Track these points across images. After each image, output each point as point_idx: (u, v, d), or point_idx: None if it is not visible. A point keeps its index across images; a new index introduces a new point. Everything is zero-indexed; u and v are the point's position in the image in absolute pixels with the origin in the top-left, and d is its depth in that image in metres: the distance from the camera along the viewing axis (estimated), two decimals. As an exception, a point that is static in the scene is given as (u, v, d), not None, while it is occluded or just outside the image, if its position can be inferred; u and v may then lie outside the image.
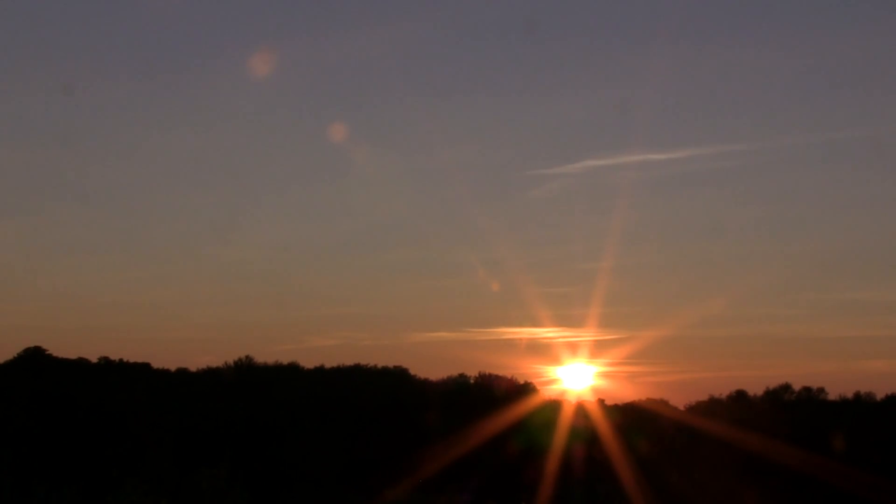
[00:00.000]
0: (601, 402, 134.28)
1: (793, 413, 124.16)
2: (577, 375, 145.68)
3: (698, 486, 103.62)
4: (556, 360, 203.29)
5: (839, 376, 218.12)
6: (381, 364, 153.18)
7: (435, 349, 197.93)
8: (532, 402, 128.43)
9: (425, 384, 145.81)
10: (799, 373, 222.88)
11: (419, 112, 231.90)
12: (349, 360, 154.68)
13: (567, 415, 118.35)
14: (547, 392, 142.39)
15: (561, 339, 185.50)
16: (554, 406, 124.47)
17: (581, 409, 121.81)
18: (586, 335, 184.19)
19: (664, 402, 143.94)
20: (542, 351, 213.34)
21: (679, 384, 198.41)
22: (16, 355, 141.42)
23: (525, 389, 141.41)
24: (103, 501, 53.19)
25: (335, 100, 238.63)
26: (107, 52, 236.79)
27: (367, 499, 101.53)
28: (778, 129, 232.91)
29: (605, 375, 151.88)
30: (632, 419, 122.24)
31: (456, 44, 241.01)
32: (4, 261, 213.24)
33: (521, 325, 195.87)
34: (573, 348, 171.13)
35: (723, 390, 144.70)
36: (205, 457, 79.88)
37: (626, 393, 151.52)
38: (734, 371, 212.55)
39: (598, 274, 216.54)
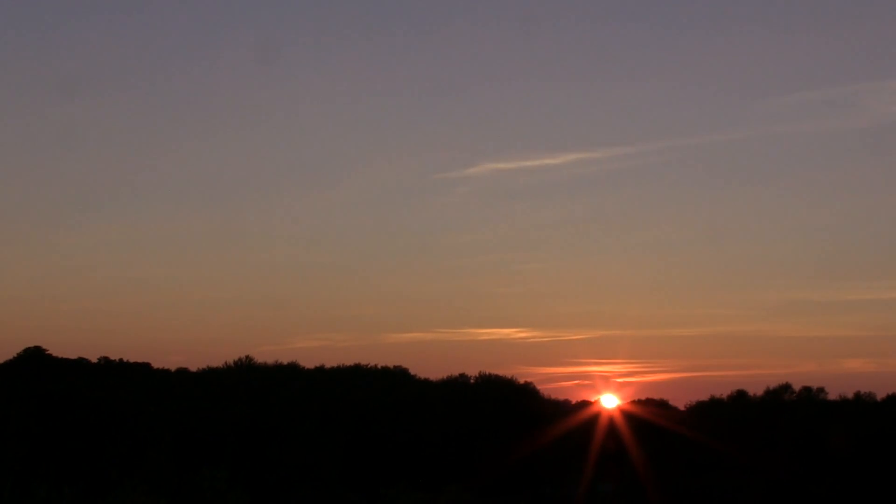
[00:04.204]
0: (603, 404, 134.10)
1: (793, 414, 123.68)
2: (574, 377, 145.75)
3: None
4: (543, 361, 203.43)
5: (817, 375, 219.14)
6: (381, 364, 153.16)
7: (414, 349, 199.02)
8: (530, 403, 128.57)
9: (426, 384, 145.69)
10: (790, 372, 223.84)
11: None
12: (330, 362, 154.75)
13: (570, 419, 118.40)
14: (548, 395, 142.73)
15: (535, 340, 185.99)
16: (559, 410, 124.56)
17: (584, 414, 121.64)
18: (569, 336, 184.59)
19: (664, 402, 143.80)
20: (532, 352, 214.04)
21: (679, 384, 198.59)
22: (16, 355, 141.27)
23: (525, 390, 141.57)
24: (103, 501, 52.94)
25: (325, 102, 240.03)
26: (110, 54, 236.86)
27: (367, 499, 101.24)
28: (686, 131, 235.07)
29: (601, 376, 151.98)
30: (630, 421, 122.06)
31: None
32: (5, 261, 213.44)
33: (494, 326, 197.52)
34: (557, 349, 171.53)
35: (723, 390, 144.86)
36: (205, 457, 79.69)
37: (624, 394, 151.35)
38: (734, 371, 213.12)
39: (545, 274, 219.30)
